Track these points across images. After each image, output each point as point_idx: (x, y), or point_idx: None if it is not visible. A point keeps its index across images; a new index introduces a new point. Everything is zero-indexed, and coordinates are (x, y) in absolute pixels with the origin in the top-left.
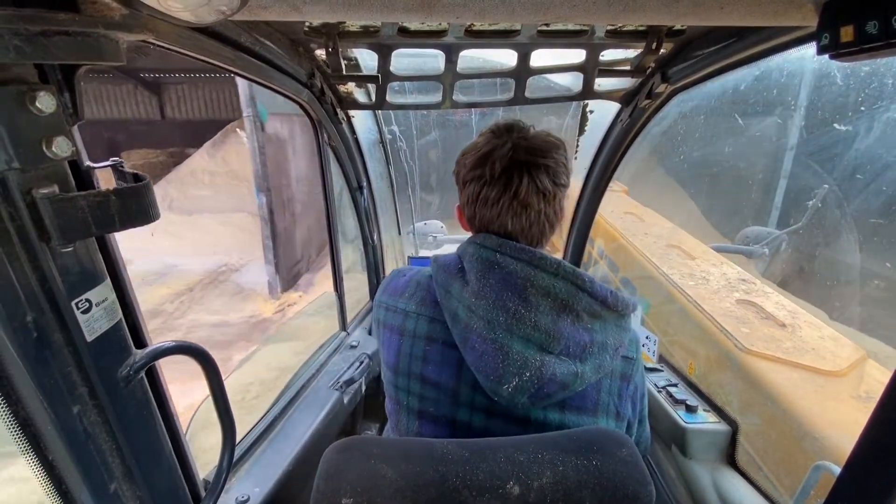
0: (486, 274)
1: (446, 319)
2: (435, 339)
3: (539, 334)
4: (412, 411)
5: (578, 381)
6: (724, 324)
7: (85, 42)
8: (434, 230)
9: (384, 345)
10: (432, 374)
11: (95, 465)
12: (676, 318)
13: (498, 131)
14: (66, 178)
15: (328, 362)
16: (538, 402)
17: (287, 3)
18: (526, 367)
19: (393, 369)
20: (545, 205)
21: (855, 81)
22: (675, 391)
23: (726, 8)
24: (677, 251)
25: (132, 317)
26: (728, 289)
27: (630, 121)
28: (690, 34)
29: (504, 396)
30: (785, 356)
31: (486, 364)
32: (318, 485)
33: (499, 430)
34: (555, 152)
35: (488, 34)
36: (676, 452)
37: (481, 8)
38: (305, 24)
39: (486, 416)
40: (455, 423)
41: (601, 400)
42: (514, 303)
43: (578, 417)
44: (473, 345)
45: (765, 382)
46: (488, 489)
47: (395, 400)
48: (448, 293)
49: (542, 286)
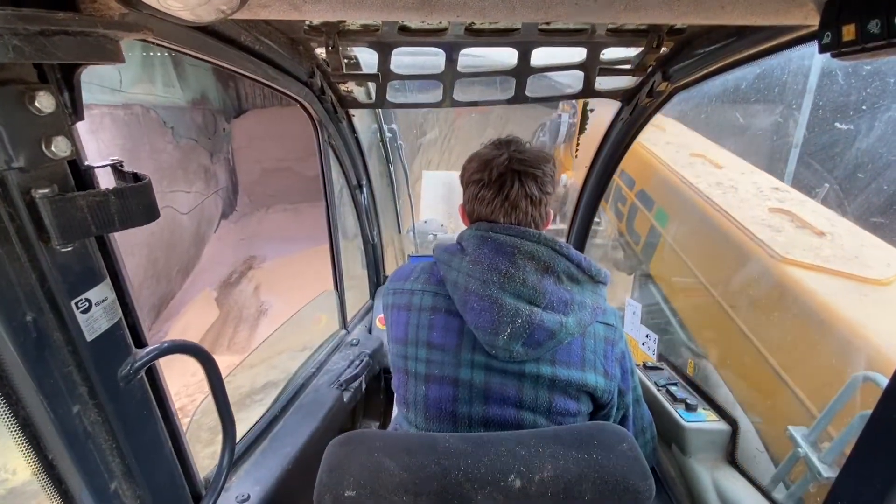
0: (480, 245)
1: (448, 289)
2: (438, 309)
3: (527, 290)
4: (419, 377)
5: (564, 331)
6: (757, 232)
7: (85, 41)
8: (434, 228)
9: (393, 324)
10: (437, 338)
11: (95, 465)
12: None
13: (499, 144)
14: (66, 178)
15: (328, 361)
16: (531, 350)
17: (287, 2)
18: (518, 316)
19: (402, 342)
20: (532, 208)
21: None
22: (675, 390)
23: (727, 7)
24: (702, 160)
25: (132, 316)
26: (759, 197)
27: (630, 119)
28: (691, 33)
29: (500, 346)
30: (825, 264)
31: (484, 319)
32: (321, 478)
33: (497, 385)
34: (544, 165)
35: (488, 33)
36: (676, 451)
37: (482, 6)
38: (305, 23)
39: (485, 372)
40: (458, 382)
41: (587, 357)
42: (505, 265)
43: (568, 371)
44: (472, 305)
45: (802, 291)
46: (490, 482)
47: (402, 371)
48: (449, 266)
49: (527, 251)
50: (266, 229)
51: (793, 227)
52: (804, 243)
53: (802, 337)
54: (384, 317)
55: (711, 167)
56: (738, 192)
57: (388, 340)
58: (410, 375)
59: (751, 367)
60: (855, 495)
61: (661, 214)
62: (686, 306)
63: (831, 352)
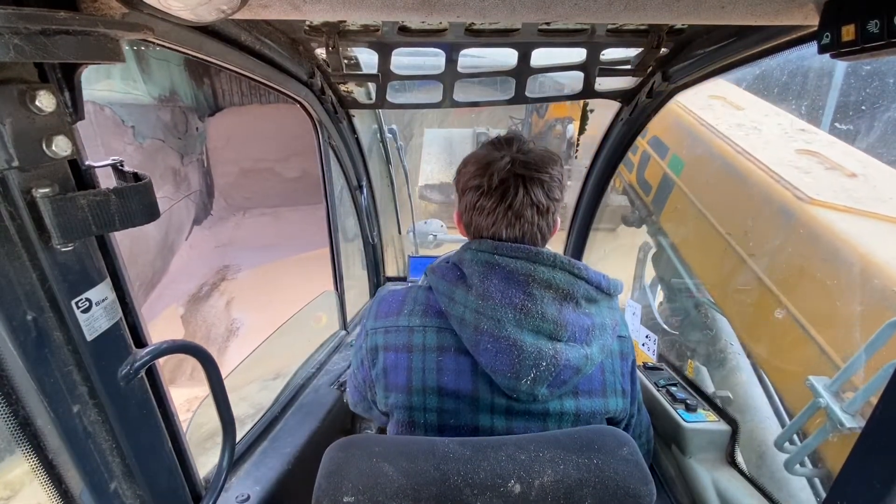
0: (487, 275)
1: (454, 326)
2: (446, 349)
3: (547, 324)
4: (431, 428)
5: (589, 364)
6: (783, 174)
7: (85, 41)
8: (434, 229)
9: (389, 370)
10: (449, 383)
11: (95, 464)
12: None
13: (498, 144)
14: (67, 178)
15: (328, 361)
16: (556, 389)
17: (287, 2)
18: (541, 358)
19: (405, 390)
20: (538, 217)
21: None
22: (676, 390)
23: (727, 7)
24: (722, 101)
25: (132, 316)
26: (785, 138)
27: (630, 119)
28: (691, 33)
29: (523, 391)
30: (857, 206)
31: (502, 362)
32: (319, 483)
33: (521, 430)
34: (551, 167)
35: (488, 33)
36: (676, 451)
37: (482, 7)
38: (306, 24)
39: (506, 417)
40: (478, 431)
41: (606, 380)
42: (520, 298)
43: (591, 401)
44: (486, 346)
45: (832, 234)
46: (490, 487)
47: (408, 424)
48: (452, 300)
49: (543, 279)
50: (243, 235)
51: (822, 169)
52: (835, 185)
53: (832, 283)
54: (368, 362)
55: (732, 109)
56: (761, 134)
57: (378, 388)
58: (419, 428)
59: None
60: (855, 495)
61: (676, 161)
62: (699, 257)
63: (863, 299)
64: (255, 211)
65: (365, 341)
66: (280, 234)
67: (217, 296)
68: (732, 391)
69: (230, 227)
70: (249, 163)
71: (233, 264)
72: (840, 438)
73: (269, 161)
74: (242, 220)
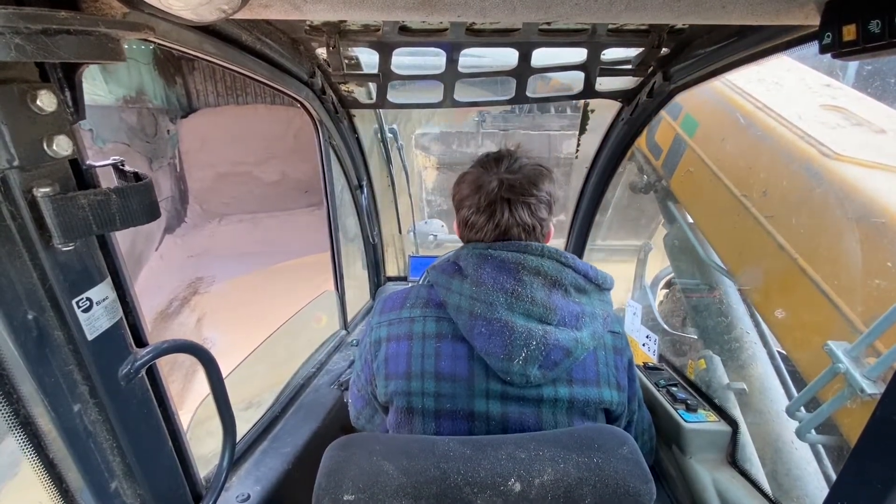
0: (481, 264)
1: (451, 314)
2: (444, 336)
3: (537, 308)
4: (428, 413)
5: (580, 347)
6: (807, 129)
7: (86, 41)
8: (434, 229)
9: (390, 359)
10: (446, 368)
11: (96, 464)
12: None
13: (488, 164)
14: (68, 177)
15: (329, 361)
16: (548, 372)
17: (288, 2)
18: (531, 338)
19: (404, 376)
20: (525, 235)
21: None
22: (676, 390)
23: (728, 7)
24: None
25: (133, 316)
26: (808, 94)
27: (631, 119)
28: (692, 33)
29: (515, 372)
30: (886, 161)
31: (495, 344)
32: (320, 481)
33: (515, 415)
34: (538, 190)
35: (489, 33)
36: (676, 451)
37: (482, 6)
38: (306, 23)
39: (501, 402)
40: (473, 415)
41: (600, 371)
42: (511, 283)
43: (585, 389)
44: (480, 330)
45: (859, 192)
46: (490, 486)
47: (406, 410)
48: (449, 290)
49: (531, 266)
50: (219, 244)
51: (848, 125)
52: (862, 141)
53: (858, 243)
54: (370, 356)
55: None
56: (783, 89)
57: (379, 379)
58: (416, 413)
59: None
60: (855, 495)
61: (689, 121)
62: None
63: (892, 260)
64: (232, 217)
65: (369, 336)
66: (258, 242)
67: (187, 312)
68: (748, 383)
69: (205, 234)
70: (226, 166)
71: (206, 276)
72: (859, 405)
73: (248, 164)
74: (218, 227)
